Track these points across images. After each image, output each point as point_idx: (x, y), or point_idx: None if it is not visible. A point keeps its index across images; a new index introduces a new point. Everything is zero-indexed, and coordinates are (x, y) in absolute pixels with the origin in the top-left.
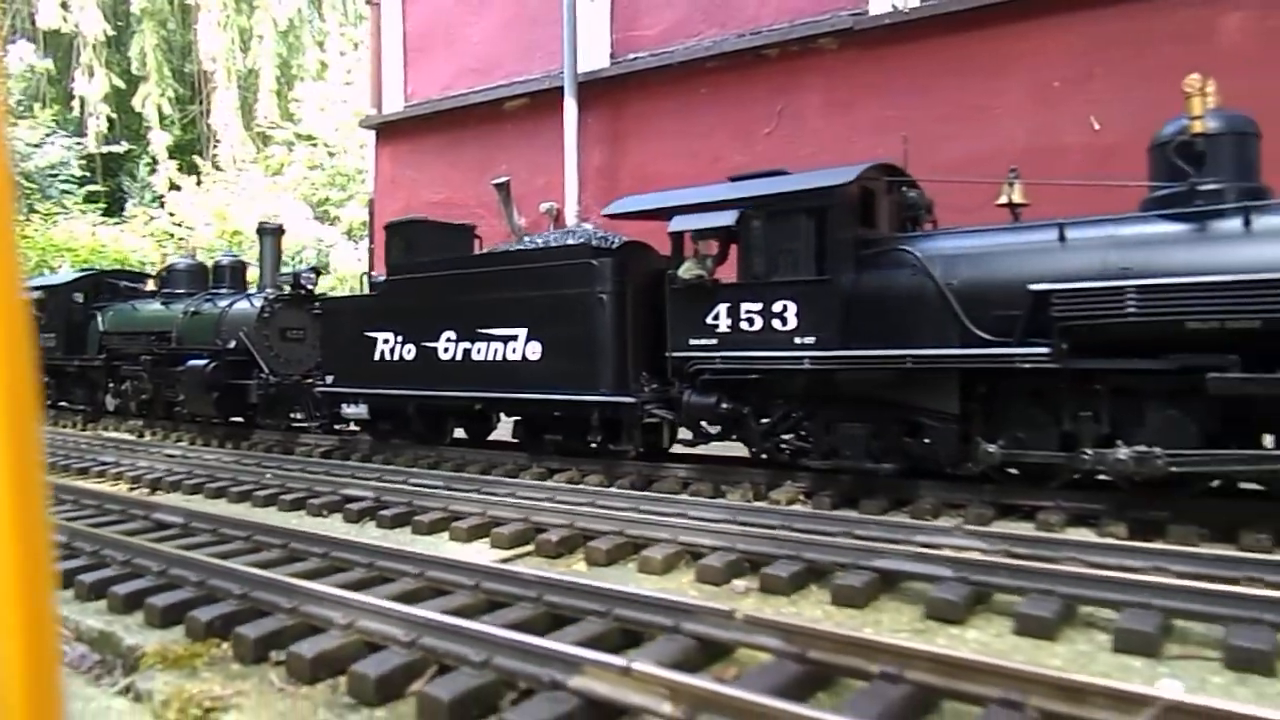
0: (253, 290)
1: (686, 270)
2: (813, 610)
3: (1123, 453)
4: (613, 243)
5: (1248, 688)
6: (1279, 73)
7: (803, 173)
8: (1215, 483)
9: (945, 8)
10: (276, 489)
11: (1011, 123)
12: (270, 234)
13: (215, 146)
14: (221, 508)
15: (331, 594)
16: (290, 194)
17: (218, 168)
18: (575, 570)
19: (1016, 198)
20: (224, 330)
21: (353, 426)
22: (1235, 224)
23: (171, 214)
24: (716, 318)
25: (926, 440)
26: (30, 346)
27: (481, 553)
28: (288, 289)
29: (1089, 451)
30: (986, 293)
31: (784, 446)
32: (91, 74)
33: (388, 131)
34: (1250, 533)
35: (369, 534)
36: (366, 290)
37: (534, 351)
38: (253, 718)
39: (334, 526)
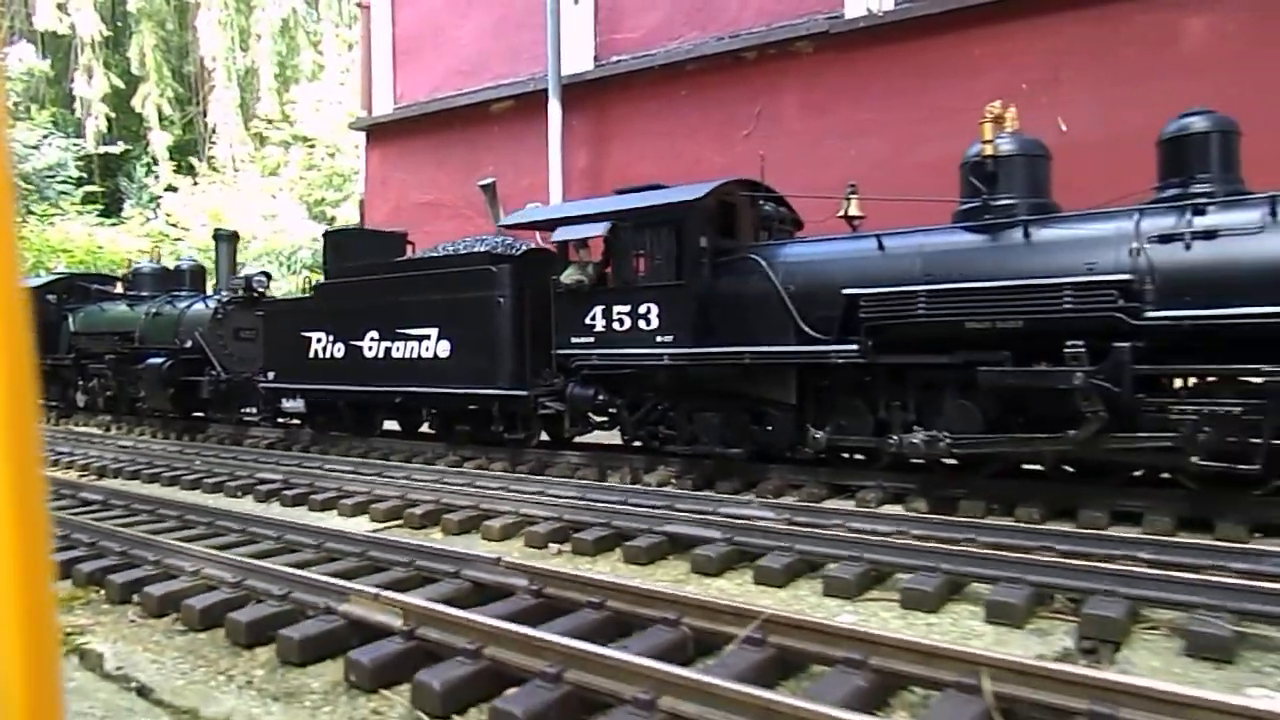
0: (210, 293)
1: (568, 276)
2: (605, 566)
3: (915, 437)
4: (516, 250)
5: (920, 619)
6: (1239, 74)
7: (670, 188)
8: (1031, 465)
9: (917, 12)
10: (204, 474)
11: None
12: (225, 240)
13: (212, 146)
14: (154, 490)
15: (187, 549)
16: (286, 194)
17: (214, 168)
18: (432, 538)
19: (854, 211)
20: (182, 330)
21: (294, 420)
22: (1018, 235)
23: (167, 215)
24: (593, 318)
25: (769, 428)
26: (30, 346)
27: (360, 525)
28: (241, 292)
29: (894, 437)
30: (816, 296)
31: (655, 434)
32: (90, 75)
33: (377, 133)
34: (1025, 507)
35: (272, 511)
36: None
37: (444, 350)
38: (104, 638)
39: (244, 505)
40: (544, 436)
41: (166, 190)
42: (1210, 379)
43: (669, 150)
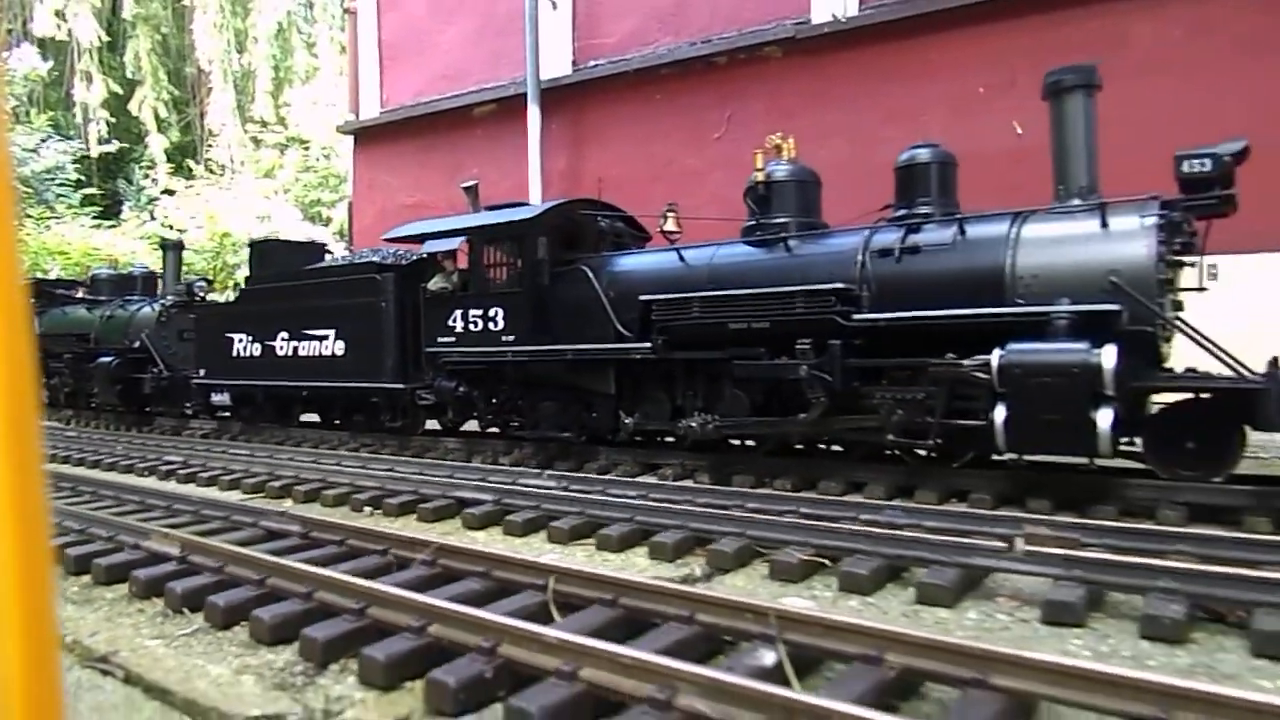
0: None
1: (434, 284)
2: (399, 524)
3: (693, 421)
4: (403, 259)
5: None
6: (1178, 76)
7: (519, 206)
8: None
9: (879, 18)
10: (120, 458)
11: (941, 127)
12: (172, 249)
13: (210, 149)
14: (74, 471)
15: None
16: (282, 196)
17: (211, 170)
18: (283, 505)
19: (670, 226)
20: (131, 332)
21: (225, 413)
22: (781, 250)
23: (164, 219)
24: (454, 321)
25: (595, 415)
26: (31, 346)
27: (230, 496)
28: (184, 296)
29: (680, 422)
30: (628, 300)
31: (509, 421)
32: (89, 80)
33: (365, 137)
34: (781, 479)
35: (168, 487)
36: None
37: (340, 349)
38: None
39: (145, 482)
40: (436, 426)
41: (164, 193)
42: (905, 370)
43: (644, 153)
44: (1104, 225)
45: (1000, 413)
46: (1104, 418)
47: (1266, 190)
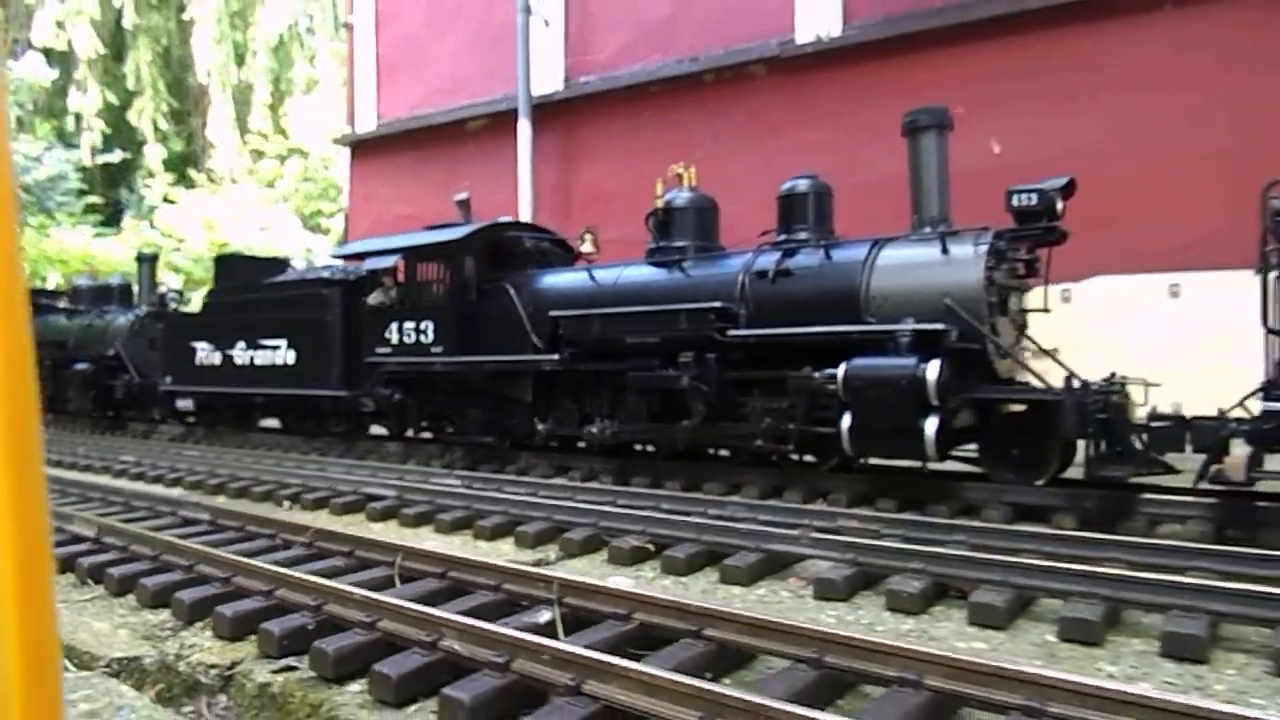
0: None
1: (374, 298)
2: (309, 517)
3: (594, 428)
4: (350, 275)
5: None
6: (1159, 93)
7: (453, 226)
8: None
9: (862, 38)
10: (80, 458)
11: None
12: (147, 261)
13: (210, 159)
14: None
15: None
16: (283, 205)
17: (213, 180)
18: (217, 501)
19: (587, 248)
20: (106, 340)
21: (190, 419)
22: (678, 271)
23: (161, 228)
24: (391, 333)
25: (515, 421)
26: (32, 349)
27: (172, 491)
28: (157, 306)
29: (586, 428)
30: (543, 315)
31: (440, 427)
32: (85, 90)
33: (361, 149)
34: (673, 480)
35: (118, 483)
36: None
37: (291, 358)
38: None
39: (98, 479)
40: (383, 431)
41: (165, 202)
42: (771, 381)
43: (632, 168)
44: (944, 252)
45: (846, 420)
46: (930, 425)
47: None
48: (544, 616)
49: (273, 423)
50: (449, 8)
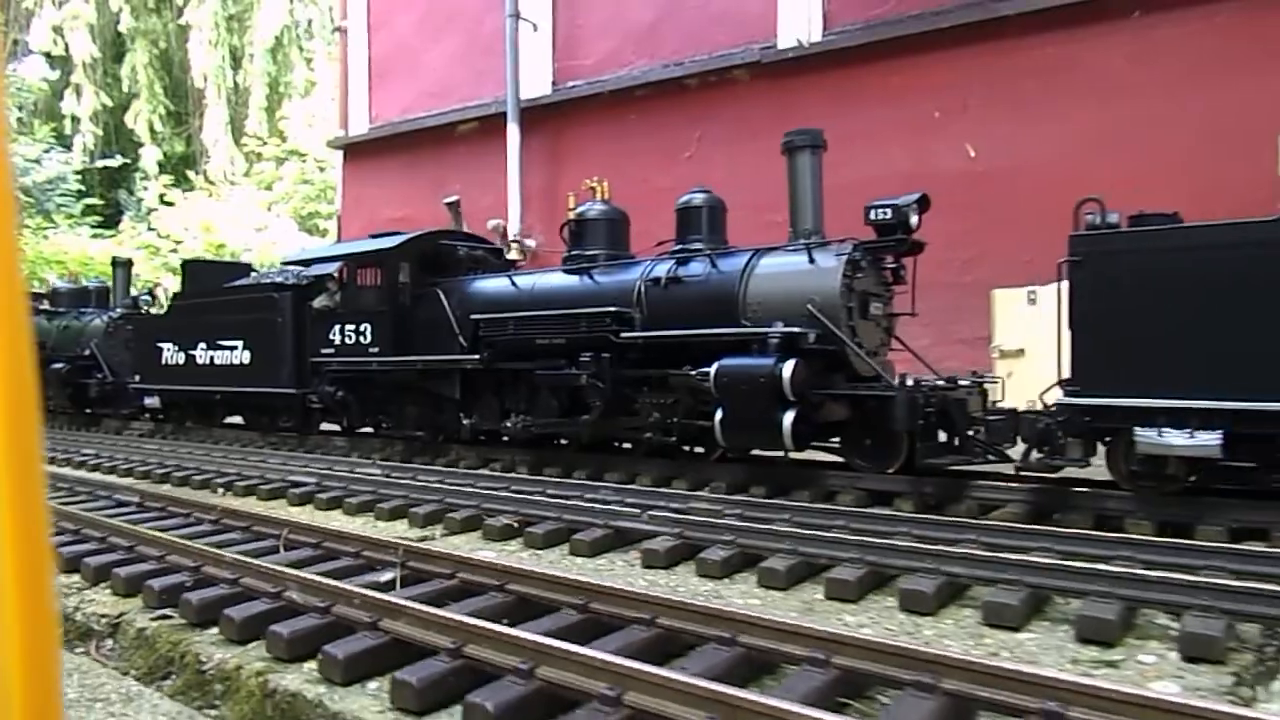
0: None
1: (319, 302)
2: (238, 502)
3: (510, 423)
4: (301, 280)
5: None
6: (1133, 98)
7: (393, 235)
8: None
9: (841, 44)
10: (47, 452)
11: (900, 150)
12: (122, 265)
13: (207, 161)
14: None
15: None
16: (280, 207)
17: (210, 182)
18: (159, 488)
19: (514, 255)
20: (83, 340)
21: (158, 416)
22: (587, 278)
23: (156, 229)
24: (334, 334)
25: (444, 416)
26: (32, 349)
27: (124, 480)
28: (131, 308)
29: (503, 422)
30: (468, 318)
31: (379, 422)
32: (79, 93)
33: (353, 151)
34: (580, 470)
35: (78, 473)
36: None
37: (246, 358)
38: None
39: (60, 470)
40: (335, 427)
41: (162, 204)
42: (658, 379)
43: (618, 171)
44: (811, 261)
45: (718, 414)
46: (787, 418)
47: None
48: (386, 576)
49: (237, 419)
50: (440, 13)
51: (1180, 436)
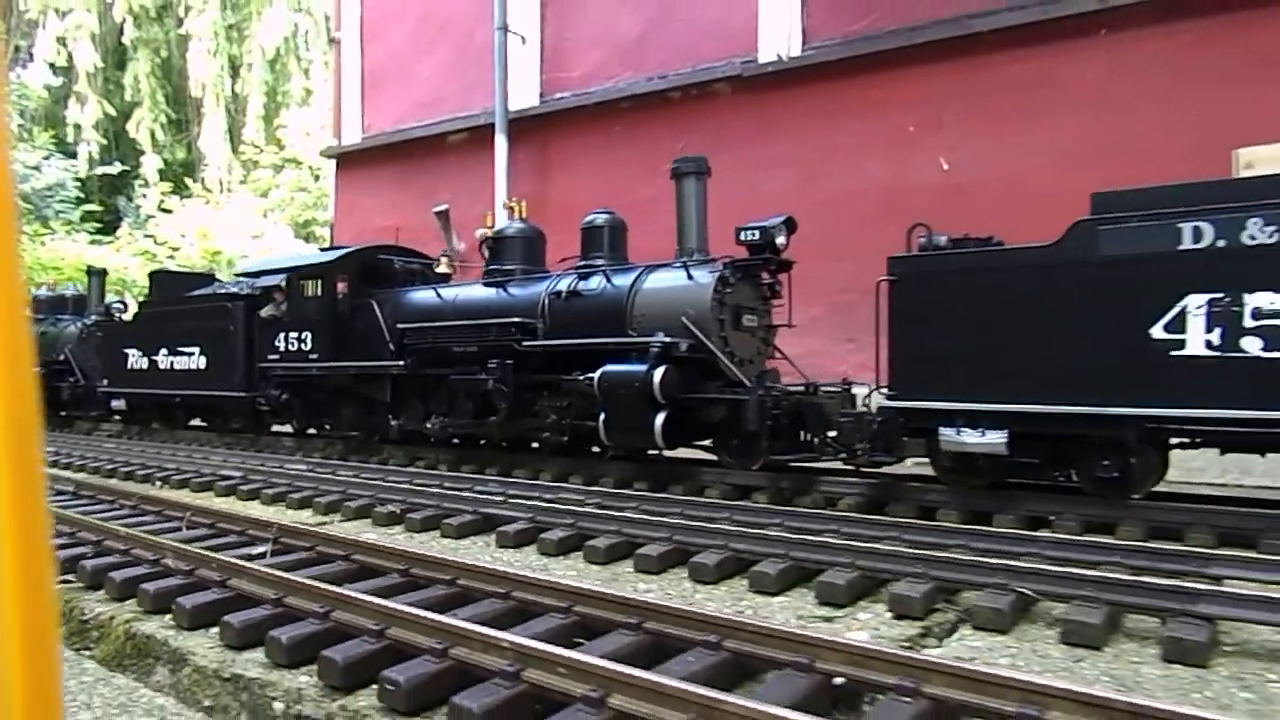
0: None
1: (266, 311)
2: (180, 492)
3: (431, 422)
4: (254, 291)
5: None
6: (1103, 113)
7: (335, 249)
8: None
9: (820, 58)
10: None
11: (877, 163)
12: (96, 274)
13: (205, 169)
14: None
15: None
16: (277, 214)
17: (208, 189)
18: (106, 482)
19: (443, 269)
20: (58, 346)
21: (122, 417)
22: (502, 291)
23: (153, 236)
24: (279, 341)
25: (377, 418)
26: (32, 351)
27: (78, 475)
28: (104, 316)
29: (426, 423)
30: (397, 327)
31: (321, 424)
32: (83, 102)
33: (346, 161)
34: (491, 468)
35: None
36: None
37: (202, 363)
38: None
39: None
40: (288, 428)
41: (161, 210)
42: (553, 384)
43: (603, 181)
44: (689, 277)
45: (602, 416)
46: (658, 419)
47: None
48: (258, 549)
49: (200, 421)
50: (432, 25)
51: (974, 435)
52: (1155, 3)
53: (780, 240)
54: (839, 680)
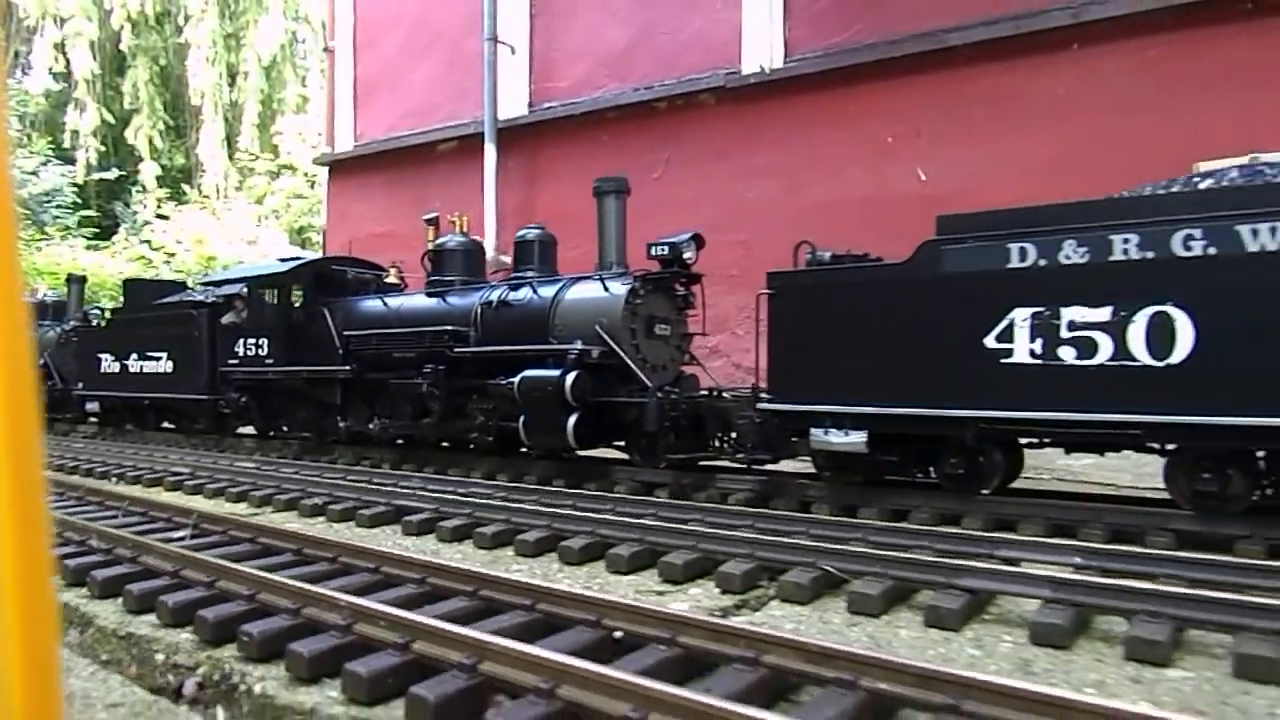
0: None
1: (227, 318)
2: (134, 488)
3: (374, 424)
4: (218, 299)
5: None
6: (1074, 125)
7: (292, 259)
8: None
9: (801, 70)
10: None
11: (857, 173)
12: (76, 281)
13: (202, 175)
14: None
15: None
16: (273, 220)
17: (204, 196)
18: (68, 477)
19: (392, 279)
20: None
21: (97, 419)
22: (442, 301)
23: (149, 241)
24: (239, 347)
25: (327, 420)
26: (32, 353)
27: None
28: (82, 321)
29: (369, 425)
30: (345, 334)
31: (279, 426)
32: (82, 109)
33: (339, 168)
34: (429, 466)
35: None
36: None
37: (169, 367)
38: None
39: None
40: (251, 430)
41: (158, 217)
42: (480, 388)
43: (590, 189)
44: (605, 289)
45: (522, 418)
46: (569, 421)
47: None
48: (180, 534)
49: (169, 424)
50: (423, 36)
51: (839, 436)
52: (1125, 19)
53: (688, 255)
54: (618, 634)
